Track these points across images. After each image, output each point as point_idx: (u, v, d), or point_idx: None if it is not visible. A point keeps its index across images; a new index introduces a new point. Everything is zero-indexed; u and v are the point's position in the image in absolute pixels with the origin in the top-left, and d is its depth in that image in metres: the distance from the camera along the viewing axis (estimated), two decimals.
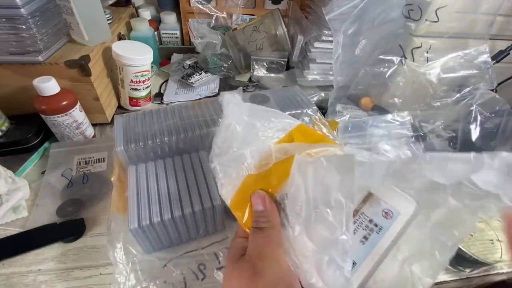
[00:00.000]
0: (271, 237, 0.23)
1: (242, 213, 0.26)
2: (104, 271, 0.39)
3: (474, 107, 0.48)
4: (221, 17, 0.82)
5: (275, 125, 0.30)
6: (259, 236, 0.24)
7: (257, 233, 0.24)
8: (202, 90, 0.71)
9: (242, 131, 0.29)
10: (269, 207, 0.25)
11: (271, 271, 0.22)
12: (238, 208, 0.27)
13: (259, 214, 0.25)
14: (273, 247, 0.23)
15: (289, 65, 0.76)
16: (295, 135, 0.29)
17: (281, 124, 0.30)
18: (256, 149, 0.28)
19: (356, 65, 0.58)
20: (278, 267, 0.22)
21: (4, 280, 0.37)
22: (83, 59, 0.50)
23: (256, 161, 0.28)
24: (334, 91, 0.60)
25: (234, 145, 0.29)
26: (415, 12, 0.51)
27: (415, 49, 0.54)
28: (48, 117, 0.49)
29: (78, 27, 0.51)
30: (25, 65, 0.49)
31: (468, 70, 0.52)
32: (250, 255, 0.24)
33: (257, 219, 0.25)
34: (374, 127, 0.52)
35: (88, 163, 0.52)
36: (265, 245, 0.23)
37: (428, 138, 0.52)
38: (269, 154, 0.28)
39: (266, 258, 0.23)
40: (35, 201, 0.46)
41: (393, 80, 0.56)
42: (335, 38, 0.54)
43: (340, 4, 0.52)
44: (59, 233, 0.42)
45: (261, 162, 0.28)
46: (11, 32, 0.46)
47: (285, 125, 0.30)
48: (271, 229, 0.24)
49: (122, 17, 0.72)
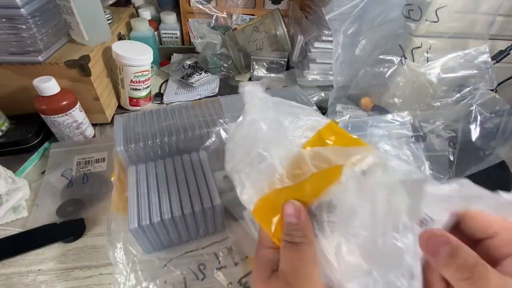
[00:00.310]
0: (307, 253, 0.22)
1: (269, 222, 0.24)
2: (104, 271, 0.39)
3: (474, 107, 0.48)
4: (221, 17, 0.82)
5: (304, 123, 0.27)
6: (293, 251, 0.22)
7: (291, 248, 0.22)
8: (202, 90, 0.71)
9: (268, 130, 0.26)
10: (304, 220, 0.23)
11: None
12: (263, 216, 0.25)
13: (293, 228, 0.23)
14: (309, 264, 0.21)
15: (289, 65, 0.76)
16: (325, 134, 0.26)
17: (309, 122, 0.27)
18: (285, 154, 0.25)
19: (356, 65, 0.58)
20: (314, 285, 0.21)
21: (4, 280, 0.37)
22: (83, 59, 0.50)
23: (287, 170, 0.25)
24: (334, 91, 0.60)
25: (260, 145, 0.26)
26: (415, 12, 0.51)
27: (415, 49, 0.54)
28: (48, 117, 0.49)
29: (78, 27, 0.51)
30: (25, 65, 0.49)
31: (468, 70, 0.52)
32: (284, 272, 0.22)
33: (290, 232, 0.23)
34: (374, 127, 0.52)
35: (88, 163, 0.52)
36: (300, 262, 0.22)
37: (428, 138, 0.52)
38: (301, 159, 0.25)
39: (301, 275, 0.21)
40: (35, 201, 0.46)
41: (393, 80, 0.56)
42: (335, 38, 0.54)
43: (340, 4, 0.52)
44: (59, 233, 0.42)
45: (293, 171, 0.25)
46: (11, 32, 0.46)
47: (314, 123, 0.27)
48: (306, 245, 0.22)
49: (122, 17, 0.72)
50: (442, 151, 0.50)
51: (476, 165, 0.46)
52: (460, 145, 0.48)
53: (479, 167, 0.46)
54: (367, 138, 0.52)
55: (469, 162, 0.47)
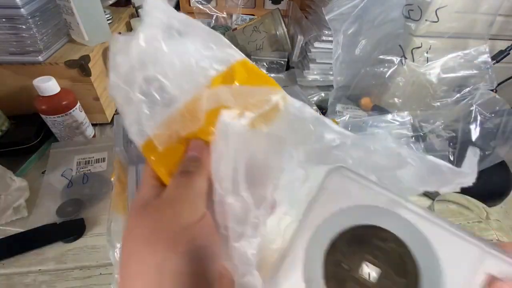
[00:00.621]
0: (198, 182, 0.20)
1: (162, 159, 0.21)
2: (104, 271, 0.39)
3: (474, 107, 0.48)
4: (221, 17, 0.82)
5: (213, 53, 0.22)
6: (185, 177, 0.20)
7: (182, 175, 0.20)
8: None
9: (171, 54, 0.21)
10: (206, 157, 0.21)
11: (193, 215, 0.19)
12: (155, 154, 0.21)
13: (191, 159, 0.21)
14: (198, 193, 0.19)
15: (289, 65, 0.76)
16: (238, 72, 0.23)
17: (221, 54, 0.23)
18: (189, 87, 0.21)
19: (356, 65, 0.58)
20: (201, 213, 0.19)
21: (4, 280, 0.37)
22: (83, 59, 0.50)
23: (188, 107, 0.21)
24: (334, 91, 0.60)
25: (158, 70, 0.21)
26: (415, 12, 0.51)
27: (415, 49, 0.54)
28: (48, 117, 0.49)
29: (78, 27, 0.51)
30: (25, 65, 0.49)
31: (468, 70, 0.52)
32: (170, 197, 0.19)
33: (187, 163, 0.20)
34: (374, 127, 0.52)
35: (88, 163, 0.52)
36: (190, 189, 0.19)
37: (428, 138, 0.52)
38: (200, 97, 0.21)
39: (188, 203, 0.19)
40: (35, 201, 0.46)
41: (393, 80, 0.56)
42: (335, 38, 0.54)
43: (340, 4, 0.52)
44: (59, 233, 0.42)
45: (189, 107, 0.21)
46: (11, 32, 0.46)
47: (227, 56, 0.23)
48: (199, 175, 0.20)
49: (122, 17, 0.72)
50: (442, 151, 0.50)
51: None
52: (460, 145, 0.48)
53: (479, 167, 0.46)
54: None
55: None
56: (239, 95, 0.22)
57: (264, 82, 0.24)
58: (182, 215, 0.19)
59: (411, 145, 0.52)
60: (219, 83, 0.22)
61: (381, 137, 0.21)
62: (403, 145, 0.21)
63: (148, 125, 0.21)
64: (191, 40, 0.22)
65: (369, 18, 0.53)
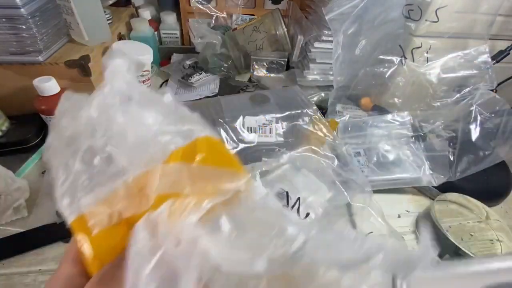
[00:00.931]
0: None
1: (98, 242, 0.18)
2: None
3: (474, 107, 0.48)
4: (221, 17, 0.82)
5: (176, 127, 0.21)
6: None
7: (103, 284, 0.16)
8: (202, 90, 0.71)
9: (123, 123, 0.19)
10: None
11: None
12: (87, 235, 0.18)
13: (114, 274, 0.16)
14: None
15: (289, 65, 0.76)
16: (200, 148, 0.20)
17: (184, 128, 0.21)
18: (142, 160, 0.19)
19: (356, 65, 0.58)
20: None
21: (4, 280, 0.37)
22: (83, 59, 0.50)
23: (136, 182, 0.18)
24: (334, 91, 0.60)
25: (105, 140, 0.19)
26: (415, 12, 0.51)
27: (415, 49, 0.54)
28: (48, 117, 0.49)
29: (78, 27, 0.51)
30: (25, 65, 0.49)
31: (468, 70, 0.52)
32: None
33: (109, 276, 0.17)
34: (374, 127, 0.52)
35: None
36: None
37: (428, 138, 0.52)
38: (153, 172, 0.18)
39: None
40: (35, 201, 0.46)
41: (393, 80, 0.56)
42: (335, 38, 0.54)
43: (340, 4, 0.52)
44: (59, 233, 0.42)
45: (139, 181, 0.18)
46: (11, 32, 0.46)
47: (190, 131, 0.21)
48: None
49: (122, 17, 0.72)
50: (442, 151, 0.50)
51: (476, 165, 0.46)
52: (460, 145, 0.48)
53: (479, 167, 0.46)
54: (367, 138, 0.52)
55: (469, 162, 0.47)
56: (197, 178, 0.19)
57: (228, 163, 0.22)
58: None
59: (411, 145, 0.52)
60: (179, 158, 0.19)
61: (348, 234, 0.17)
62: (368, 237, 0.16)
63: (85, 199, 0.18)
64: (152, 113, 0.21)
65: (369, 18, 0.53)
